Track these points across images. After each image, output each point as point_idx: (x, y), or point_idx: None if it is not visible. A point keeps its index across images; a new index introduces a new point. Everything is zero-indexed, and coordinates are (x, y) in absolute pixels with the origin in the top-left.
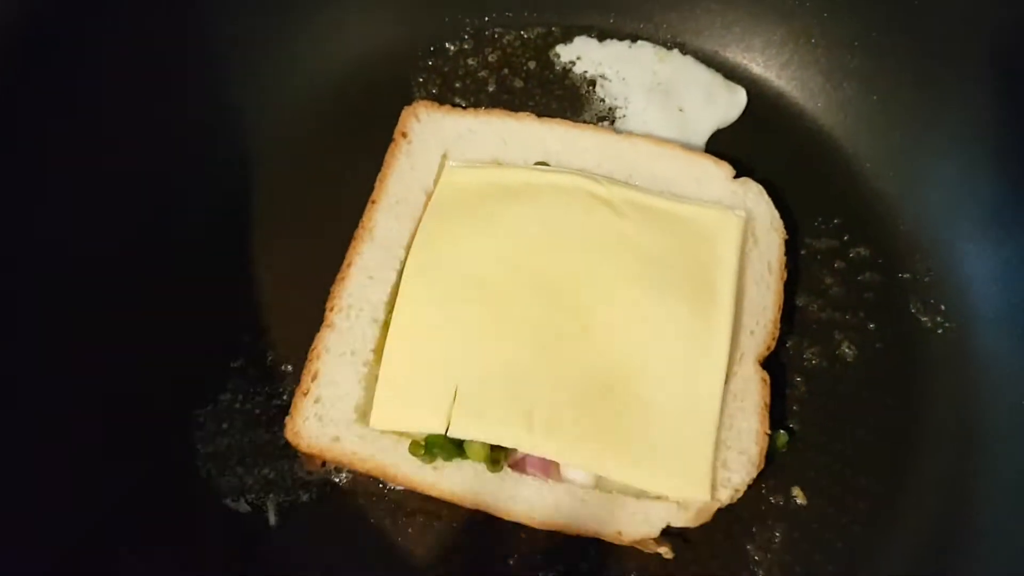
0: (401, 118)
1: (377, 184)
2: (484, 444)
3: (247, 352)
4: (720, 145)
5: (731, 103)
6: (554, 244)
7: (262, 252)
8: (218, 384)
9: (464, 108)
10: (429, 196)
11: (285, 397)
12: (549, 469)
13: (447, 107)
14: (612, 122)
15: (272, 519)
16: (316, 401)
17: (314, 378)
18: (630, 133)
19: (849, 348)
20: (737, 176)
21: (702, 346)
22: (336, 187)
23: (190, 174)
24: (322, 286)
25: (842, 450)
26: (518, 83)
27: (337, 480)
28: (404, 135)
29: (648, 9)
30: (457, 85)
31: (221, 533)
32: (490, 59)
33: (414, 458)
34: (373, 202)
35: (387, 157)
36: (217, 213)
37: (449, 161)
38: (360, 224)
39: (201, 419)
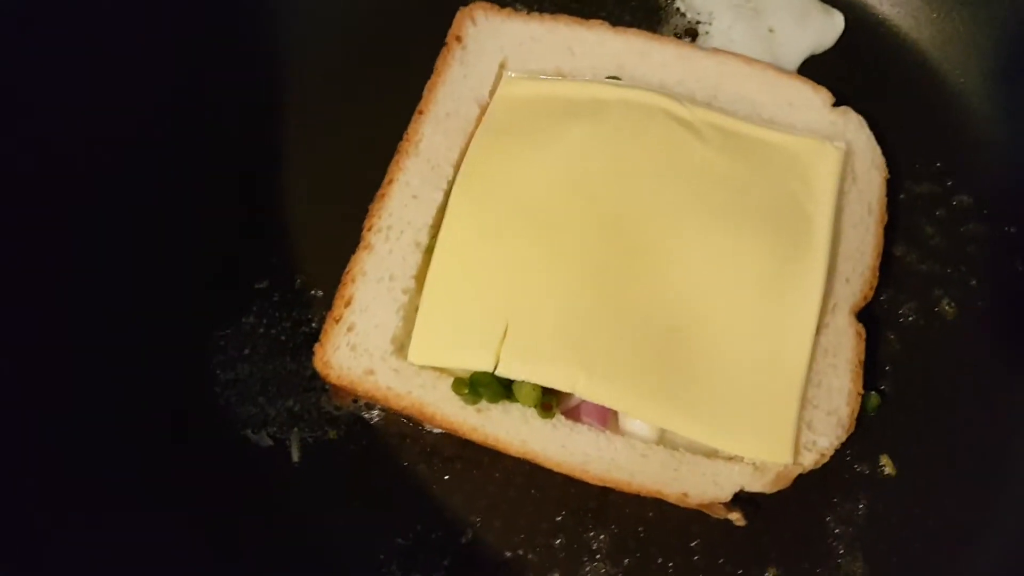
0: (456, 20)
1: (426, 93)
2: (535, 386)
3: (274, 273)
4: (812, 74)
5: (827, 27)
6: (623, 169)
7: (296, 161)
8: (240, 306)
9: (527, 12)
10: (484, 109)
11: (314, 324)
12: (607, 419)
13: (508, 10)
14: (693, 40)
15: (295, 455)
16: (349, 329)
17: (348, 304)
18: (715, 49)
19: (949, 305)
20: (836, 104)
21: (791, 292)
22: (381, 93)
23: (223, 65)
24: (360, 203)
25: (938, 418)
26: None
27: (368, 418)
28: (458, 39)
29: None
30: None
31: (239, 467)
32: None
33: (455, 398)
34: (420, 112)
35: (438, 63)
36: (250, 114)
37: (507, 71)
38: (405, 136)
39: (221, 342)
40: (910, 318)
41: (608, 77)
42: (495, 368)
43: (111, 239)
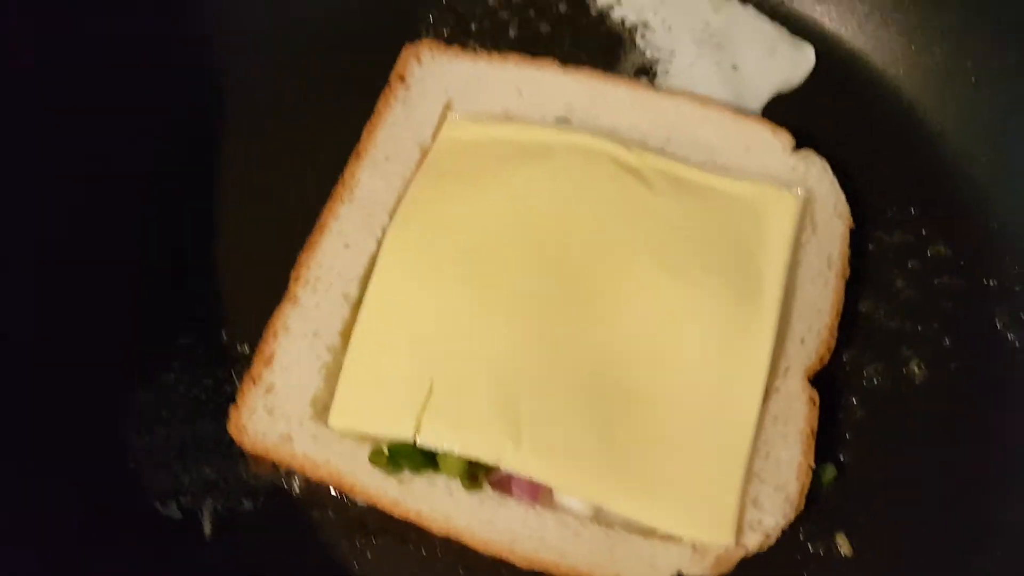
0: (400, 58)
1: (365, 134)
2: (461, 456)
3: (198, 327)
4: (779, 113)
5: (796, 63)
6: (566, 218)
7: (226, 205)
8: (161, 362)
9: (475, 51)
10: (425, 153)
11: (237, 382)
12: (538, 493)
13: (455, 48)
14: (652, 78)
15: (207, 529)
16: (268, 390)
17: (268, 363)
18: (671, 90)
19: (918, 366)
20: (798, 148)
21: (738, 353)
22: (318, 135)
23: (150, 105)
24: (292, 252)
25: (901, 493)
26: (544, 27)
27: (288, 487)
28: (402, 79)
29: None
30: (473, 27)
31: (144, 540)
32: None
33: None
34: (358, 155)
35: (379, 104)
36: (177, 153)
37: (452, 112)
38: (340, 181)
39: (138, 403)
40: (875, 380)
41: (557, 119)
42: (415, 437)
43: (20, 288)
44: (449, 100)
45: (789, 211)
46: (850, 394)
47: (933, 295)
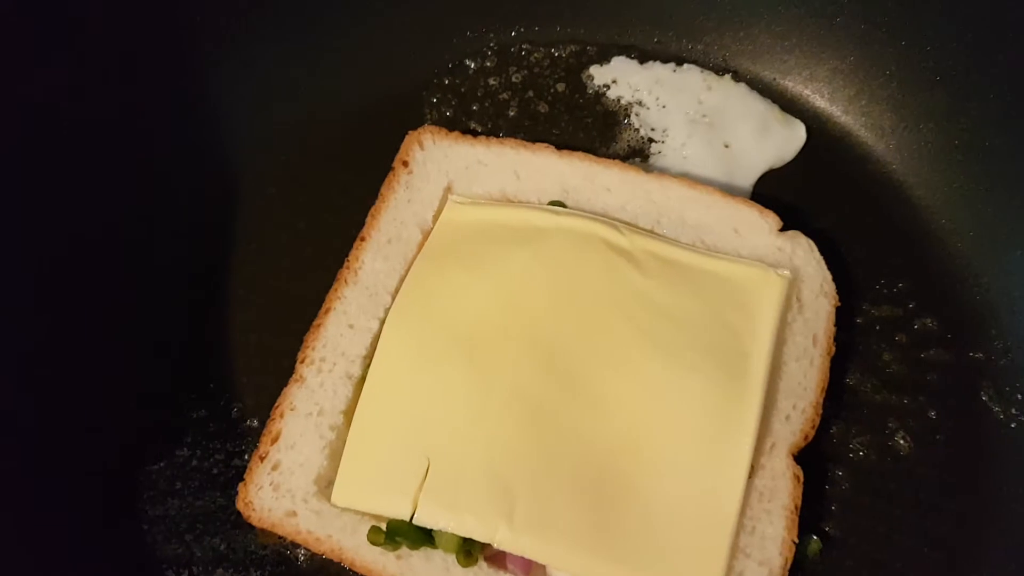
0: (404, 144)
1: (369, 219)
2: (456, 534)
3: (211, 402)
4: (770, 189)
5: (787, 140)
6: (558, 300)
7: (238, 288)
8: (176, 437)
9: (476, 135)
10: (427, 235)
11: (247, 456)
12: (531, 568)
13: (456, 134)
14: (646, 157)
15: None
16: (274, 468)
17: (274, 440)
18: (662, 172)
19: (904, 439)
20: (785, 228)
21: (725, 431)
22: (326, 219)
23: (168, 188)
24: (300, 332)
25: (887, 563)
26: (543, 108)
27: (294, 557)
28: (405, 164)
29: (699, 27)
30: (474, 108)
31: None
32: (514, 79)
33: None
34: (362, 239)
35: (383, 188)
36: (192, 240)
37: (453, 195)
38: (345, 264)
39: (153, 476)
40: (861, 453)
41: (551, 202)
42: (412, 515)
43: (44, 363)
44: (450, 183)
45: (775, 291)
46: (837, 466)
47: (920, 368)
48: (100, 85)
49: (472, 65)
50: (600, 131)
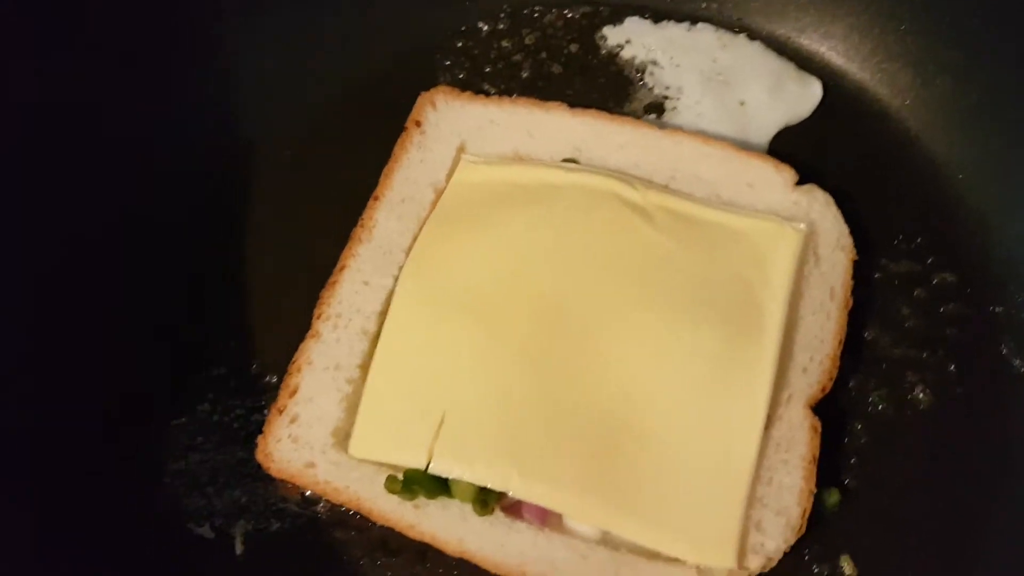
0: (416, 105)
1: (382, 178)
2: (471, 483)
3: (230, 359)
4: (786, 146)
5: (803, 97)
6: (569, 256)
7: (254, 247)
8: (197, 393)
9: (489, 96)
10: (439, 194)
11: (266, 412)
12: (547, 517)
13: (468, 94)
14: (660, 115)
15: (238, 548)
16: (292, 420)
17: (292, 394)
18: (676, 129)
19: (924, 393)
20: (801, 182)
21: (739, 382)
22: (339, 179)
23: (177, 154)
24: (316, 290)
25: (905, 516)
26: (556, 69)
27: (315, 510)
28: (418, 124)
29: None
30: (487, 70)
31: (180, 559)
32: (527, 41)
33: None
34: (376, 198)
35: (396, 148)
36: (205, 201)
37: (465, 155)
38: (359, 223)
39: (174, 432)
40: (880, 406)
41: (564, 160)
42: (428, 465)
43: (65, 328)
44: (462, 143)
45: (790, 245)
46: (855, 420)
47: (939, 323)
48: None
49: (485, 27)
50: (614, 91)
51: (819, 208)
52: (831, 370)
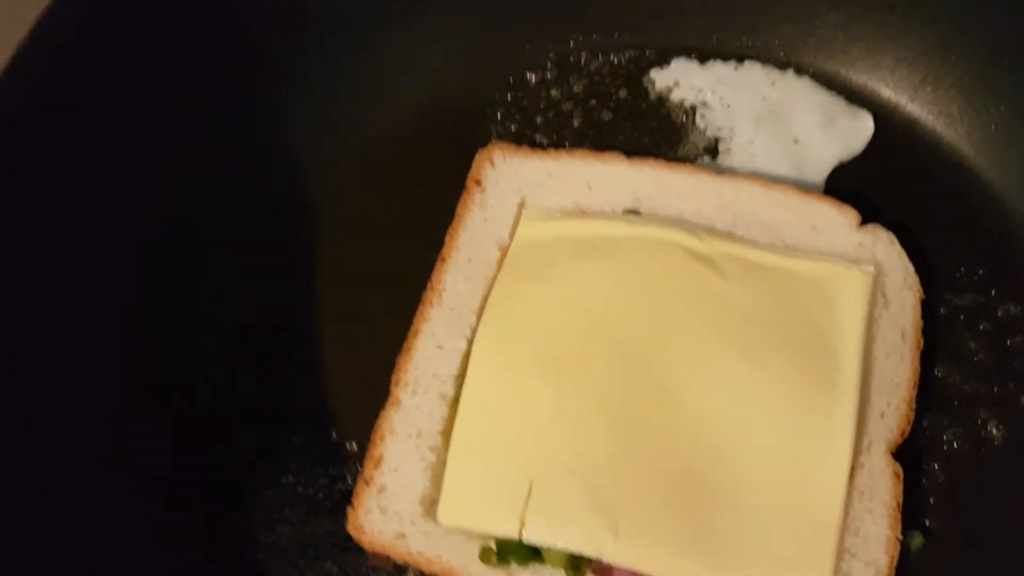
0: (475, 163)
1: (447, 239)
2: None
3: (310, 428)
4: (842, 181)
5: (855, 131)
6: (642, 310)
7: (326, 315)
8: (280, 464)
9: (545, 148)
10: (504, 252)
11: (349, 480)
12: None
13: (525, 149)
14: (715, 156)
15: None
16: (380, 491)
17: (377, 464)
18: (734, 173)
19: (996, 428)
20: (864, 222)
21: (820, 433)
22: (407, 241)
23: (245, 228)
24: (392, 355)
25: (988, 553)
26: (607, 115)
27: None
28: (478, 182)
29: (757, 22)
30: (539, 120)
31: None
32: (575, 89)
33: None
34: (443, 260)
35: (459, 208)
36: (275, 274)
37: (526, 210)
38: (429, 286)
39: (261, 504)
40: (954, 445)
41: (626, 210)
42: (520, 533)
43: (146, 406)
44: (523, 199)
45: (861, 289)
46: (931, 460)
47: (1007, 355)
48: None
49: (533, 78)
50: (666, 135)
51: (883, 248)
52: (908, 413)
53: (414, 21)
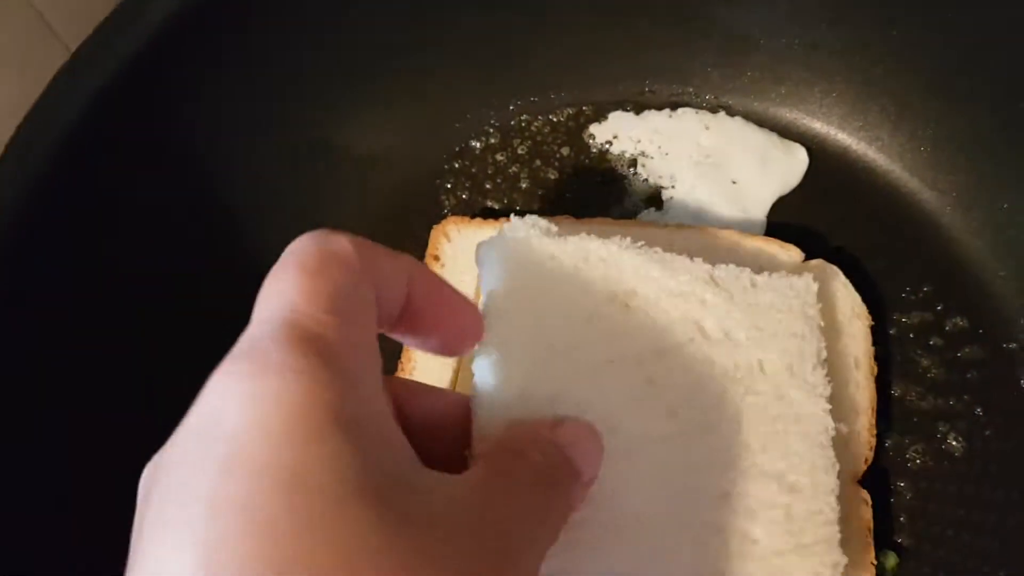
0: (431, 239)
1: None
2: None
3: None
4: (782, 216)
5: (791, 165)
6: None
7: None
8: None
9: (496, 214)
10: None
11: None
12: None
13: (478, 220)
14: (660, 205)
15: None
16: None
17: None
18: (679, 225)
19: (956, 440)
20: (808, 255)
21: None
22: None
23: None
24: None
25: (962, 563)
26: (552, 174)
27: None
28: (436, 259)
29: (687, 71)
30: (488, 186)
31: None
32: (519, 151)
33: None
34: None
35: None
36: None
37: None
38: (398, 366)
39: None
40: (918, 461)
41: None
42: None
43: None
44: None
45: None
46: (897, 479)
47: (958, 368)
48: None
49: (477, 145)
50: (611, 187)
51: (828, 281)
52: (870, 440)
53: (356, 99)
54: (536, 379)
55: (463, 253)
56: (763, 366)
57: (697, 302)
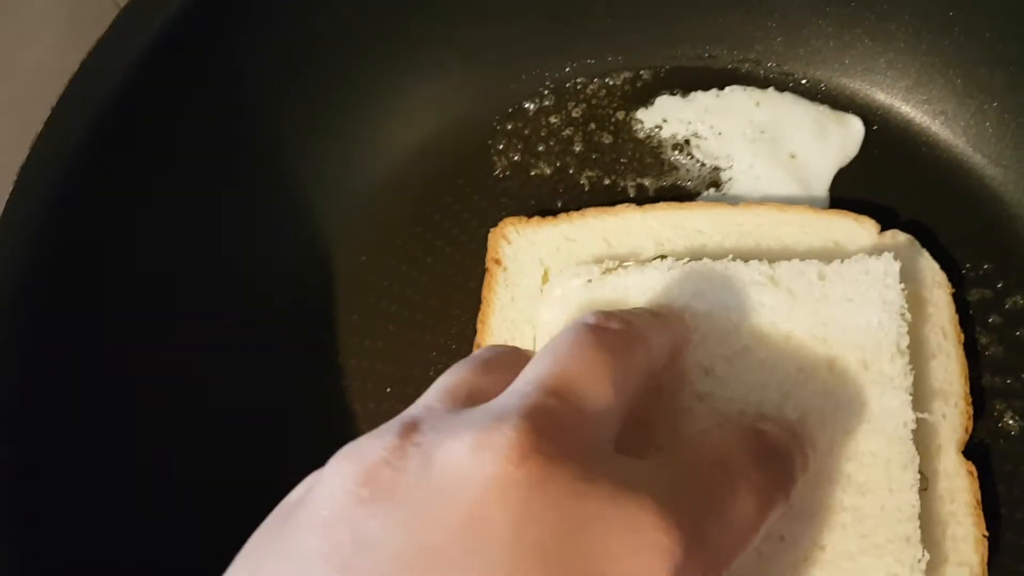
0: (489, 243)
1: (479, 327)
2: None
3: None
4: (843, 190)
5: (847, 135)
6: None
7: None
8: None
9: (554, 213)
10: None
11: None
12: None
13: (536, 219)
14: (719, 187)
15: None
16: None
17: None
18: (748, 203)
19: (1013, 419)
20: (884, 228)
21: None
22: (437, 337)
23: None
24: None
25: (1015, 541)
26: (607, 138)
27: None
28: (497, 262)
29: (750, 37)
30: (540, 148)
31: None
32: (574, 114)
33: None
34: (479, 347)
35: (484, 291)
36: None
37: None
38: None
39: None
40: (975, 439)
41: (656, 258)
42: None
43: None
44: (545, 269)
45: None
46: None
47: (1017, 347)
48: None
49: (531, 107)
50: (666, 173)
51: (907, 251)
52: (967, 409)
53: (408, 64)
54: None
55: (524, 254)
56: (831, 365)
57: (754, 307)
